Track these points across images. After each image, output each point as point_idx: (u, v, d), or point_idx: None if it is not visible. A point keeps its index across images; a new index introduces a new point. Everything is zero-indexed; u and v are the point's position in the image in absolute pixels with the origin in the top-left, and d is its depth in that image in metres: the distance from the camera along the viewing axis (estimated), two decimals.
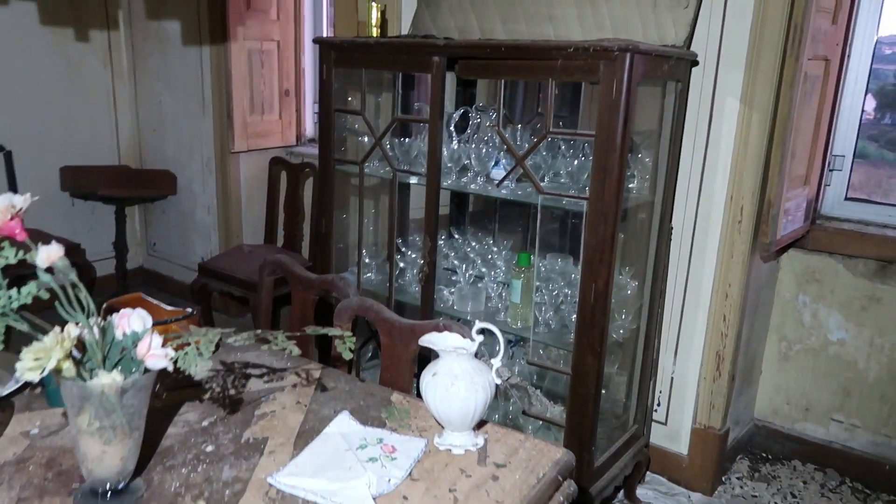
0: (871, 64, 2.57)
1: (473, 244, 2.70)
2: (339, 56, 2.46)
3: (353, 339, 1.22)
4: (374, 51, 2.36)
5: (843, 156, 2.66)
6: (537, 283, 2.36)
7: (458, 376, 1.23)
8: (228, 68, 3.69)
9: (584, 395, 2.08)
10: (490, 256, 2.67)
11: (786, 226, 2.41)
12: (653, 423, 2.67)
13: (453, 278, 2.69)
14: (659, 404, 2.66)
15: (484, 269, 2.60)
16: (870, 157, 2.81)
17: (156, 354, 1.03)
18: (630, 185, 2.32)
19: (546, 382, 2.57)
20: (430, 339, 1.27)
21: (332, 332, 1.20)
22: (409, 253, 2.72)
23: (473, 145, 2.42)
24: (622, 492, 2.57)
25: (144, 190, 4.13)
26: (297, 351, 1.08)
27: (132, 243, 4.45)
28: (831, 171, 2.68)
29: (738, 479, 2.73)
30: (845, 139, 2.65)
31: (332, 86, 2.50)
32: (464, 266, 2.62)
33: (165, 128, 4.16)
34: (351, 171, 2.60)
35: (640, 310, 2.40)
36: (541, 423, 2.35)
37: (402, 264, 2.69)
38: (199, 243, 4.17)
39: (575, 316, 2.13)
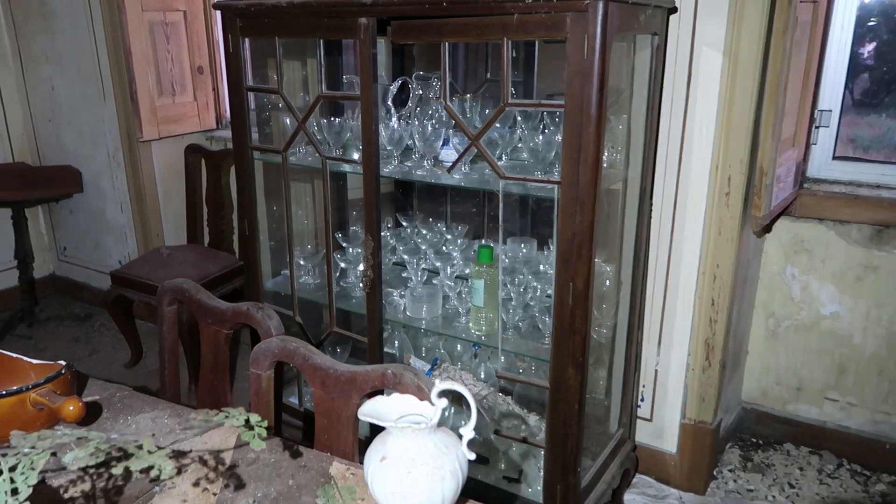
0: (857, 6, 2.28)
1: (424, 232, 2.34)
2: (245, 24, 2.03)
3: (265, 423, 0.85)
4: (286, 15, 1.93)
5: (830, 110, 2.38)
6: (501, 278, 2.03)
7: (416, 460, 0.88)
8: (127, 45, 3.18)
9: (567, 412, 1.77)
10: (444, 247, 2.32)
11: (777, 194, 2.13)
12: (638, 421, 2.39)
13: (404, 275, 2.34)
14: (643, 400, 2.38)
15: (438, 263, 2.25)
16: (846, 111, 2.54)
17: None
18: (602, 158, 2.00)
19: (518, 388, 2.25)
20: (372, 411, 0.92)
21: (231, 418, 0.84)
22: (351, 249, 2.35)
23: (416, 122, 2.04)
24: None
25: (44, 190, 3.61)
26: (169, 469, 0.71)
27: (39, 249, 3.93)
28: (818, 128, 2.40)
29: (729, 471, 2.49)
30: (832, 92, 2.37)
31: (241, 60, 2.08)
32: (415, 261, 2.27)
33: (62, 118, 3.63)
34: (276, 160, 2.19)
35: (620, 300, 2.10)
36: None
37: (342, 264, 2.32)
38: (115, 246, 3.69)
39: (548, 317, 1.81)
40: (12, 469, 0.70)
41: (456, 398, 2.08)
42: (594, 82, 1.53)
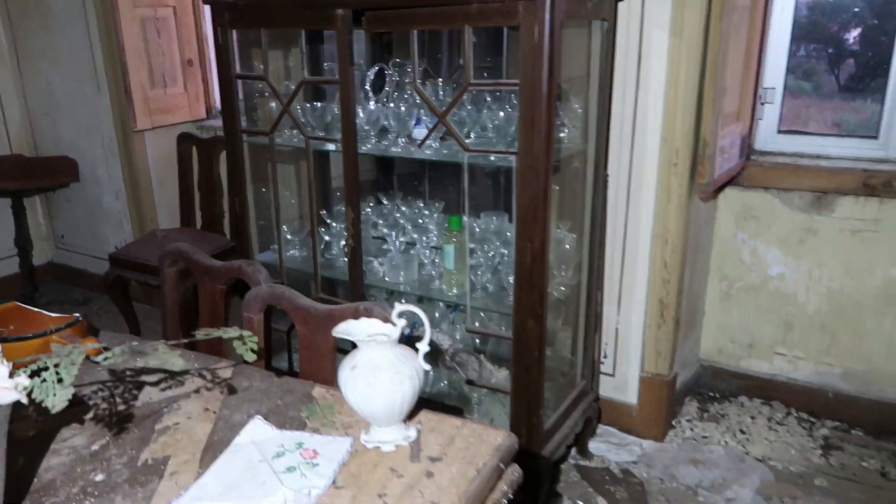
0: None
1: (404, 209, 2.54)
2: (233, 16, 2.22)
3: (255, 338, 1.05)
4: (270, 8, 2.13)
5: (774, 88, 2.59)
6: (472, 246, 2.23)
7: (380, 367, 1.09)
8: (120, 40, 3.35)
9: (528, 360, 1.98)
10: (421, 221, 2.52)
11: (722, 164, 2.34)
12: (601, 376, 2.61)
13: (384, 247, 2.54)
14: (606, 356, 2.59)
15: (415, 235, 2.45)
16: (788, 88, 2.75)
17: (2, 387, 0.85)
18: (561, 135, 2.20)
19: (490, 346, 2.46)
20: (344, 330, 1.12)
21: (227, 333, 1.04)
22: (335, 225, 2.54)
23: (392, 105, 2.24)
24: (575, 447, 2.51)
25: (42, 179, 3.78)
26: (180, 364, 0.91)
27: (37, 238, 4.10)
28: (763, 104, 2.61)
29: (687, 421, 2.71)
30: (775, 71, 2.58)
31: (230, 50, 2.27)
32: (394, 233, 2.47)
33: (59, 111, 3.80)
34: (264, 142, 2.38)
35: (581, 263, 2.30)
36: (485, 391, 2.24)
37: (327, 238, 2.52)
38: (111, 232, 3.86)
39: (513, 278, 2.01)
40: (56, 365, 0.90)
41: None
42: (544, 63, 1.73)
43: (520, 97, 1.78)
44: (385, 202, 2.64)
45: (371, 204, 2.65)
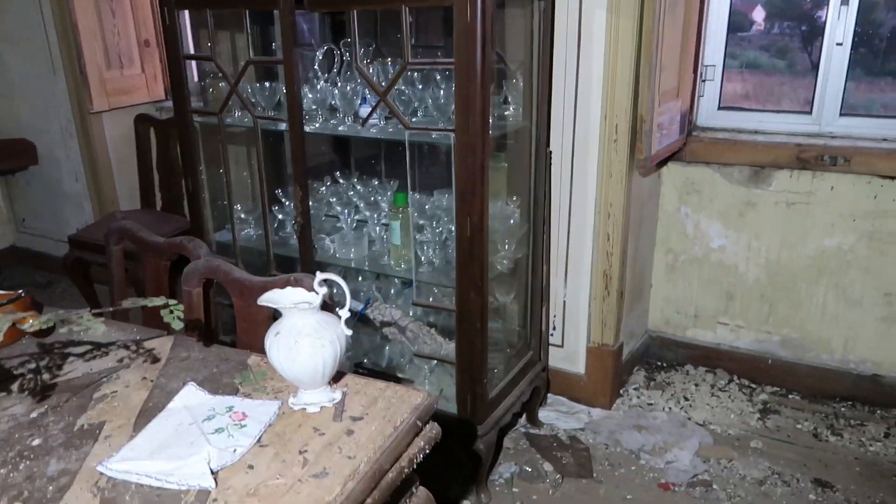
0: None
1: (359, 188, 2.59)
2: None
3: (181, 307, 1.11)
4: None
5: (714, 65, 2.67)
6: (423, 222, 2.29)
7: (302, 333, 1.15)
8: (74, 20, 3.33)
9: (471, 332, 2.06)
10: (373, 199, 2.57)
11: (661, 140, 2.42)
12: (551, 348, 2.70)
13: (338, 225, 2.59)
14: (555, 328, 2.68)
15: (368, 213, 2.51)
16: (762, 66, 2.83)
17: None
18: (506, 113, 2.26)
19: (442, 320, 2.53)
20: (269, 298, 1.18)
21: (153, 302, 1.09)
22: (289, 203, 2.59)
23: (340, 85, 2.28)
24: (524, 416, 2.61)
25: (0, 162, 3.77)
26: (102, 329, 0.97)
27: None
28: (703, 81, 2.69)
29: (635, 389, 2.82)
30: (715, 49, 2.66)
31: (177, 31, 2.29)
32: (346, 211, 2.52)
33: (14, 92, 3.77)
34: (215, 122, 2.40)
35: (528, 237, 2.38)
36: (435, 362, 2.32)
37: (280, 216, 2.56)
38: (72, 214, 3.86)
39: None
40: None
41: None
42: (478, 43, 1.78)
43: (455, 76, 1.83)
44: (342, 181, 2.69)
45: (328, 183, 2.70)
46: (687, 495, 2.25)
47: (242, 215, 2.59)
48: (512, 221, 2.30)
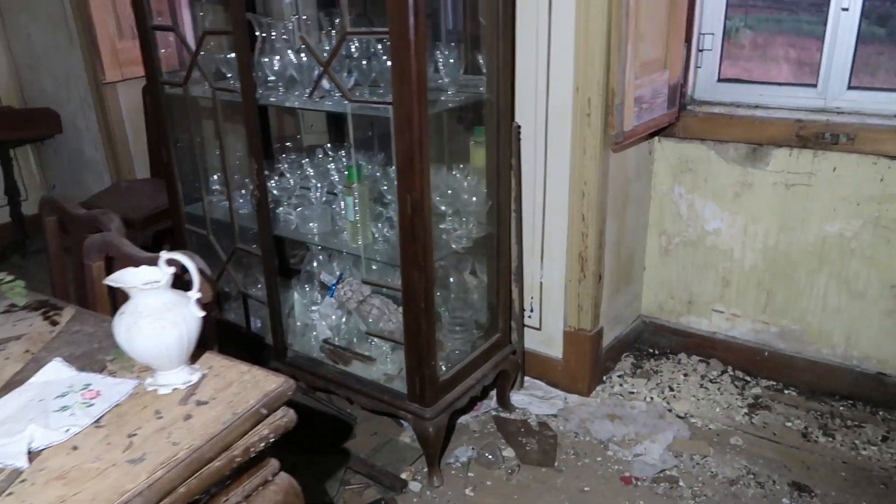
0: None
1: (343, 161, 2.53)
2: None
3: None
4: None
5: (713, 34, 2.47)
6: (390, 198, 2.23)
7: (143, 314, 1.13)
8: None
9: (416, 311, 2.00)
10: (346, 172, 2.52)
11: (640, 115, 2.26)
12: (529, 330, 2.61)
13: (310, 195, 2.55)
14: (532, 311, 2.59)
15: (342, 187, 2.46)
16: (767, 33, 2.59)
17: None
18: (469, 85, 2.16)
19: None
20: (117, 278, 1.16)
21: None
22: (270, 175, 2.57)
23: (302, 55, 2.22)
24: (495, 399, 2.54)
25: (27, 131, 3.93)
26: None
27: (31, 187, 4.28)
28: (701, 51, 2.49)
29: (619, 377, 2.70)
30: (713, 15, 2.45)
31: (143, 1, 2.29)
32: (318, 185, 2.48)
33: (39, 63, 3.91)
34: (199, 94, 2.39)
35: (494, 215, 2.28)
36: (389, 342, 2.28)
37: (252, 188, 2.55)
38: (94, 182, 4.00)
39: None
40: None
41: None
42: (410, 10, 1.69)
43: (391, 46, 1.75)
44: (320, 156, 2.65)
45: (304, 159, 2.66)
46: (649, 491, 2.14)
47: (217, 186, 2.60)
48: (473, 198, 2.21)
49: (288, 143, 2.87)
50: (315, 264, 2.66)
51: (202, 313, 1.18)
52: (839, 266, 2.38)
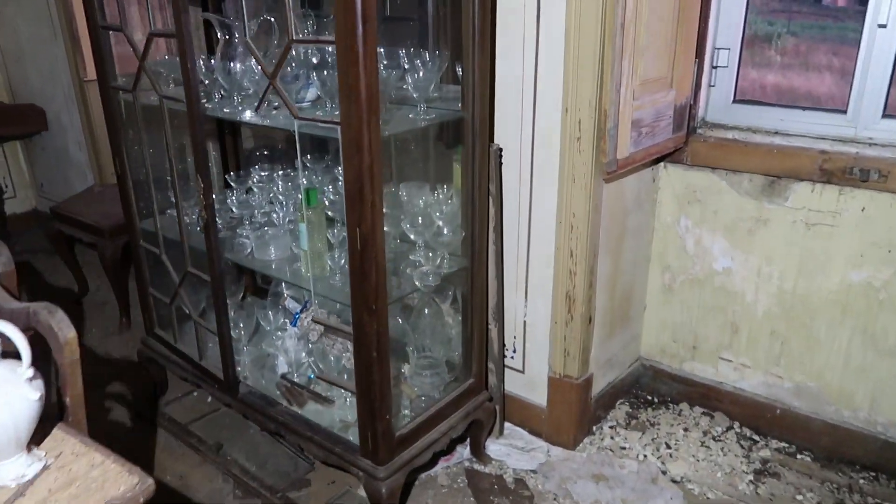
0: None
1: (312, 180, 2.30)
2: None
3: None
4: None
5: (728, 49, 2.17)
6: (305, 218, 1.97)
7: None
8: None
9: (367, 359, 1.75)
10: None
11: (639, 140, 1.98)
12: (511, 372, 2.35)
13: (274, 217, 2.32)
14: (515, 351, 2.33)
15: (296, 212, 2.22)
16: (791, 52, 2.28)
17: None
18: (443, 103, 1.91)
19: None
20: None
21: None
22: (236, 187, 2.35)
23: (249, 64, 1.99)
24: (468, 449, 2.29)
25: (12, 127, 3.78)
26: None
27: (20, 185, 4.15)
28: (715, 68, 2.20)
29: (611, 427, 2.42)
30: (729, 28, 2.15)
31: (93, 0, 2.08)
32: (286, 204, 2.25)
33: (25, 57, 3.76)
34: (147, 102, 2.18)
35: (468, 249, 2.03)
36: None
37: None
38: (78, 182, 3.84)
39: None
40: None
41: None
42: (358, 16, 1.44)
43: (337, 58, 1.51)
44: (292, 172, 2.42)
45: (265, 173, 2.43)
46: None
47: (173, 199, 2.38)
48: (446, 231, 1.96)
49: (266, 152, 2.66)
50: (283, 287, 2.43)
51: (36, 395, 0.95)
52: (865, 319, 2.07)
